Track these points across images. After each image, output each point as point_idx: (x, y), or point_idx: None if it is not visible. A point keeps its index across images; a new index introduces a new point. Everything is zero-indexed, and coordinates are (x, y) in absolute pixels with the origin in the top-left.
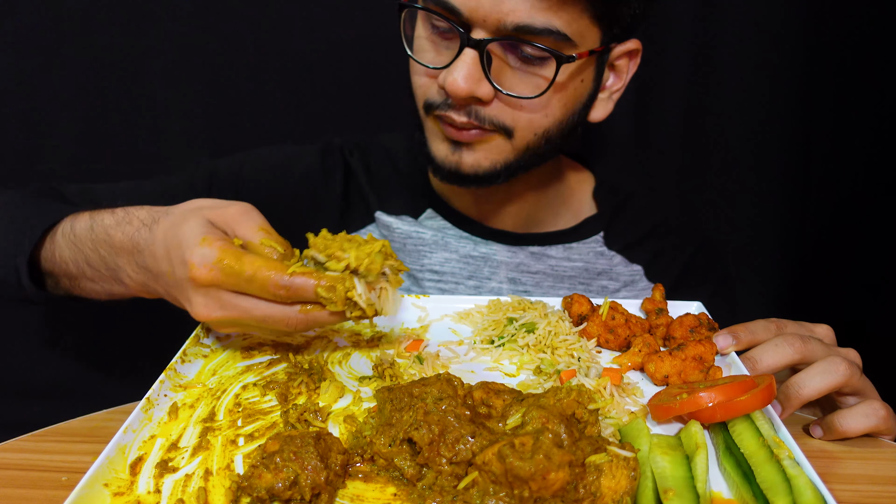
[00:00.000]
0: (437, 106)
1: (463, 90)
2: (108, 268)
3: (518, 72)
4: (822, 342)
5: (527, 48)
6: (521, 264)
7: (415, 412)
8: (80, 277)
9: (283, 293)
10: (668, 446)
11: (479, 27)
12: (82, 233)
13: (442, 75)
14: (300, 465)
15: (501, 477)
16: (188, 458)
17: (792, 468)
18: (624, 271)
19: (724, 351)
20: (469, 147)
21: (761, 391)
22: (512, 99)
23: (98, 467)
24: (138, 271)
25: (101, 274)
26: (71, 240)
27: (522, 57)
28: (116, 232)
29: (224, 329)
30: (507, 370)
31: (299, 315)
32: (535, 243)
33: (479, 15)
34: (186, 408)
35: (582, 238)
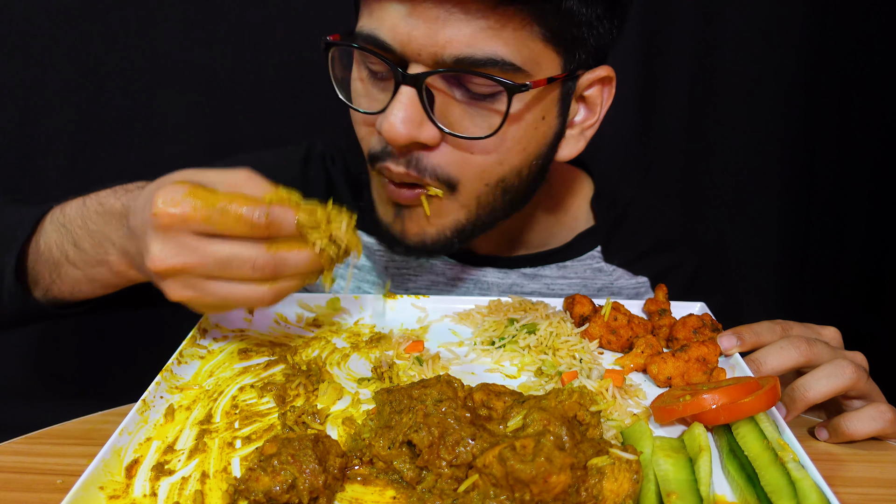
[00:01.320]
0: (374, 156)
1: (401, 135)
2: (95, 243)
3: (467, 109)
4: (828, 345)
5: (472, 81)
6: (514, 285)
7: (414, 414)
8: (63, 264)
9: (260, 223)
10: (671, 449)
11: (416, 62)
12: (73, 212)
13: (378, 119)
14: (298, 468)
15: (502, 480)
16: (185, 460)
17: (797, 471)
18: (627, 284)
19: (727, 352)
20: (410, 211)
21: (765, 393)
22: (461, 142)
23: (93, 470)
24: (123, 237)
25: (87, 255)
26: (60, 222)
27: (469, 93)
28: (110, 198)
29: (175, 291)
30: (508, 372)
31: (268, 254)
32: (527, 265)
33: (413, 49)
34: (183, 410)
35: (576, 255)
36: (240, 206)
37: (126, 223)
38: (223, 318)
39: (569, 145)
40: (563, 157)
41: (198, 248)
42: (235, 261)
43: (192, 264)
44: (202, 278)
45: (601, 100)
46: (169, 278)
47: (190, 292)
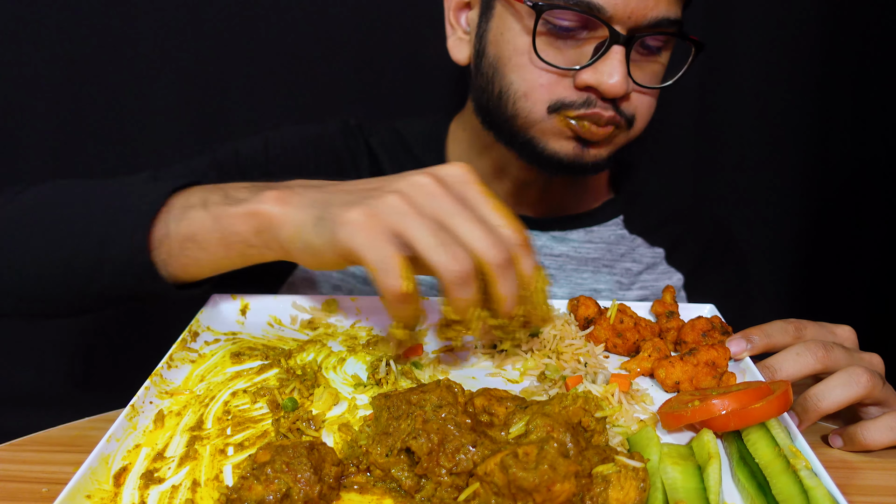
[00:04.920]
0: (574, 106)
1: (623, 89)
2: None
3: (638, 63)
4: (844, 348)
5: (653, 39)
6: (544, 247)
7: (413, 420)
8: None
9: (523, 235)
10: (680, 456)
11: (620, 23)
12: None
13: (587, 75)
14: (292, 477)
15: (504, 488)
16: (175, 468)
17: (809, 479)
18: (647, 253)
19: (738, 356)
20: (596, 144)
21: (777, 398)
22: (641, 89)
23: (80, 478)
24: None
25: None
26: (199, 200)
27: (644, 48)
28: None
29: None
30: (510, 376)
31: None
32: (556, 227)
33: (626, 12)
34: (173, 415)
35: (603, 221)
36: (509, 211)
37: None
38: (215, 321)
39: None
40: None
41: (456, 200)
42: (485, 225)
43: (450, 203)
44: (439, 223)
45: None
46: (415, 195)
47: (427, 227)
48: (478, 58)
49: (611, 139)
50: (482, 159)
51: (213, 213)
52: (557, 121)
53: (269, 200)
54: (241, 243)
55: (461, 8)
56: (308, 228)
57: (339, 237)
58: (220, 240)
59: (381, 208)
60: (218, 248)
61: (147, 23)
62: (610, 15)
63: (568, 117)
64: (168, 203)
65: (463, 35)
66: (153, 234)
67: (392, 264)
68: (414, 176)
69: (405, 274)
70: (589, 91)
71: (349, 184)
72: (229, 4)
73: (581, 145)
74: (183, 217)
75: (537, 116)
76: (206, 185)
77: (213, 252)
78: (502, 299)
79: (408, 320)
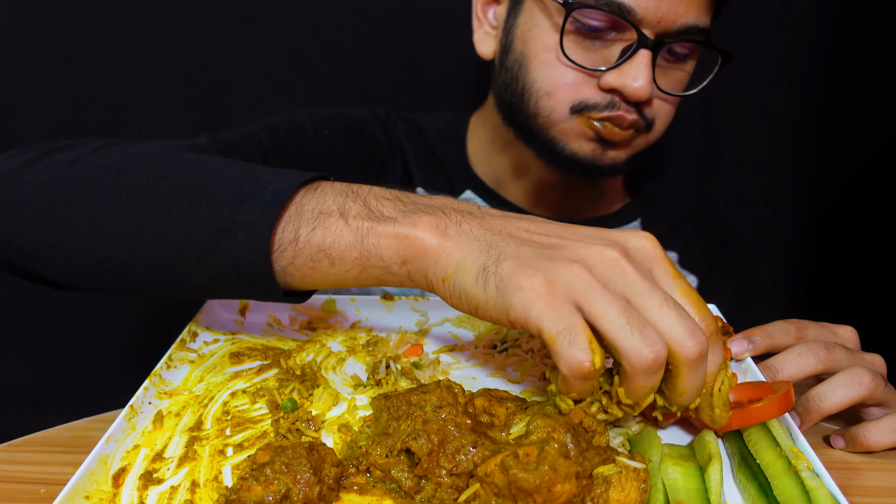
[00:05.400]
0: (598, 108)
1: (647, 93)
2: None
3: (663, 69)
4: (846, 349)
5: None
6: None
7: (413, 421)
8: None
9: (712, 327)
10: (681, 457)
11: (649, 27)
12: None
13: (613, 77)
14: (292, 478)
15: (504, 489)
16: (174, 469)
17: (811, 480)
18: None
19: (739, 357)
20: (615, 146)
21: (778, 399)
22: (662, 95)
23: (79, 479)
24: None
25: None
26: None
27: (670, 54)
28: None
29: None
30: (511, 377)
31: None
32: None
33: (656, 16)
34: (172, 416)
35: (621, 224)
36: (699, 296)
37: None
38: (214, 321)
39: None
40: None
41: (647, 279)
42: (681, 310)
43: (638, 280)
44: (625, 300)
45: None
46: (600, 269)
47: (617, 306)
48: (503, 53)
49: (630, 142)
50: (501, 157)
51: (354, 228)
52: (580, 122)
53: (426, 227)
54: (380, 269)
55: (489, 2)
56: (469, 277)
57: (513, 303)
58: (359, 260)
59: (563, 277)
60: (353, 268)
61: (147, 23)
62: (640, 18)
63: (591, 118)
64: (295, 199)
65: (490, 30)
66: (276, 233)
67: (579, 336)
68: (598, 246)
69: (594, 347)
70: (613, 93)
71: (513, 224)
72: (230, 3)
73: (601, 147)
74: (318, 224)
75: (559, 116)
76: (336, 183)
77: (346, 271)
78: (684, 393)
79: (582, 395)
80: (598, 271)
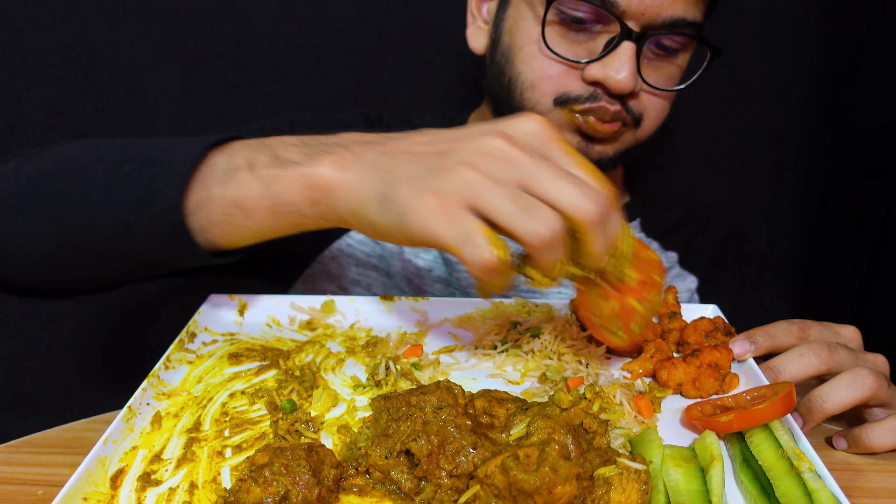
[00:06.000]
0: (580, 100)
1: (630, 86)
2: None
3: (652, 63)
4: (849, 349)
5: (669, 40)
6: None
7: (413, 422)
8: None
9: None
10: (682, 458)
11: (634, 19)
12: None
13: (596, 69)
14: (291, 479)
15: (504, 491)
16: (172, 470)
17: (813, 481)
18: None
19: (741, 357)
20: (601, 141)
21: (780, 399)
22: (651, 90)
23: (76, 480)
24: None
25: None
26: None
27: (659, 48)
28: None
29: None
30: (511, 377)
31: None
32: None
33: (640, 8)
34: (170, 417)
35: None
36: (593, 166)
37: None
38: (212, 322)
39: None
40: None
41: (542, 158)
42: (573, 178)
43: (529, 162)
44: (520, 186)
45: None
46: (487, 162)
47: (504, 194)
48: (493, 47)
49: (616, 137)
50: None
51: (261, 178)
52: (563, 114)
53: (326, 164)
54: (293, 213)
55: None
56: (371, 206)
57: (413, 227)
58: (270, 208)
59: (451, 186)
60: (267, 216)
61: (147, 23)
62: (623, 10)
63: (573, 111)
64: (207, 161)
65: (483, 24)
66: (190, 195)
67: (477, 237)
68: (482, 138)
69: (494, 242)
70: (596, 86)
71: (410, 141)
72: (231, 4)
73: (585, 141)
74: (228, 180)
75: (543, 108)
76: (248, 140)
77: (260, 221)
78: (595, 256)
79: (504, 289)
80: (485, 166)
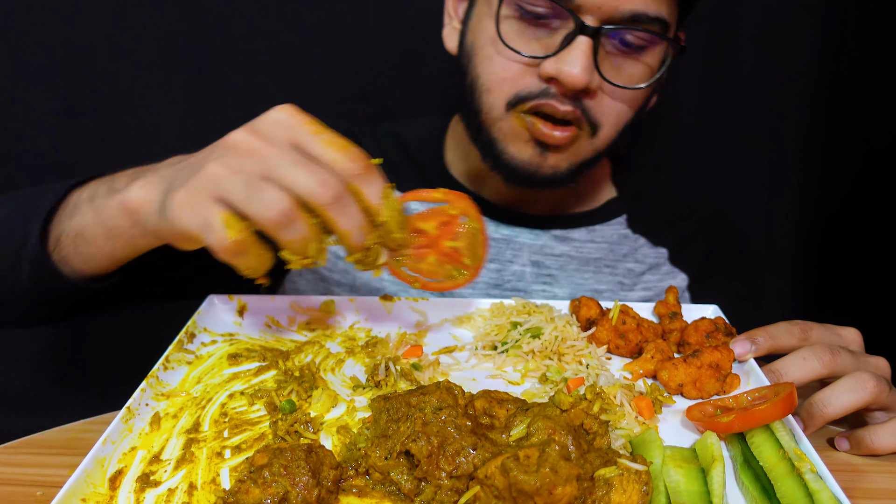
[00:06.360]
0: (531, 97)
1: (583, 81)
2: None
3: (617, 60)
4: (850, 352)
5: (633, 34)
6: (545, 246)
7: (412, 423)
8: (84, 225)
9: (357, 164)
10: (683, 459)
11: (590, 14)
12: (101, 182)
13: (549, 64)
14: (290, 480)
15: (505, 492)
16: (171, 471)
17: (814, 482)
18: (650, 253)
19: (742, 358)
20: (556, 150)
21: (782, 400)
22: (614, 90)
23: (75, 481)
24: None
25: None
26: (88, 195)
27: (624, 45)
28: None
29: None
30: (511, 378)
31: (340, 182)
32: (558, 226)
33: (595, 1)
34: (169, 418)
35: (605, 220)
36: (346, 142)
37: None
38: (212, 322)
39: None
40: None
41: (285, 146)
42: (310, 165)
43: (269, 152)
44: (260, 175)
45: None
46: (231, 156)
47: (239, 182)
48: (460, 48)
49: (571, 144)
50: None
51: (95, 208)
52: (514, 118)
53: (135, 188)
54: (124, 236)
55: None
56: (156, 217)
57: (170, 221)
58: (104, 234)
59: (201, 182)
60: (105, 241)
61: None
62: (578, 3)
63: (522, 111)
64: (67, 199)
65: (458, 24)
66: (51, 231)
67: (212, 222)
68: (233, 135)
69: (228, 224)
70: (550, 82)
71: (192, 156)
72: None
73: (540, 151)
74: (74, 213)
75: (497, 114)
76: (105, 176)
77: (102, 246)
78: (346, 234)
79: (255, 270)
80: (230, 161)
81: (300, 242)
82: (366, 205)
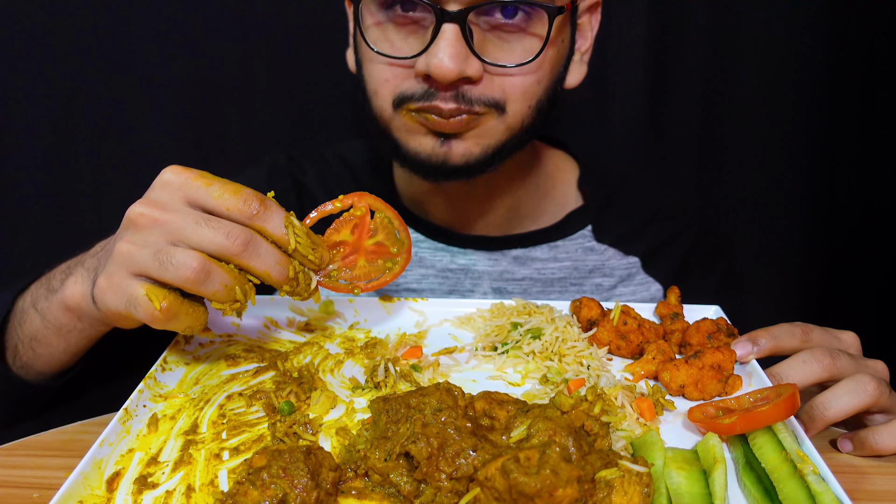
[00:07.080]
0: (415, 98)
1: (452, 71)
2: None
3: (502, 37)
4: (850, 355)
5: (508, 9)
6: (505, 272)
7: (412, 424)
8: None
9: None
10: (684, 461)
11: (451, 0)
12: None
13: (421, 61)
14: (289, 482)
15: (505, 493)
16: (169, 473)
17: (817, 484)
18: (619, 265)
19: (744, 359)
20: (458, 137)
21: (784, 402)
22: (502, 70)
23: (72, 483)
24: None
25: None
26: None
27: (502, 23)
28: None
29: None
30: (512, 379)
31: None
32: (518, 245)
33: None
34: (167, 419)
35: (568, 234)
36: (237, 187)
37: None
38: (210, 322)
39: (575, 71)
40: (571, 84)
41: (182, 208)
42: (212, 221)
43: (169, 219)
44: (167, 241)
45: (591, 26)
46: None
47: (149, 254)
48: (357, 65)
49: (475, 129)
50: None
51: (40, 311)
52: (403, 115)
53: (68, 285)
54: (73, 330)
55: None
56: (93, 307)
57: (102, 308)
58: (56, 332)
59: (115, 264)
60: (58, 340)
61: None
62: None
63: (410, 110)
64: (15, 308)
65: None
66: (7, 344)
67: (135, 297)
68: (130, 213)
69: (151, 295)
70: (428, 81)
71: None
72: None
73: (440, 140)
74: (23, 321)
75: (387, 115)
76: (42, 277)
77: (57, 345)
78: (265, 275)
79: (193, 327)
80: (135, 237)
81: (225, 291)
82: (273, 239)
